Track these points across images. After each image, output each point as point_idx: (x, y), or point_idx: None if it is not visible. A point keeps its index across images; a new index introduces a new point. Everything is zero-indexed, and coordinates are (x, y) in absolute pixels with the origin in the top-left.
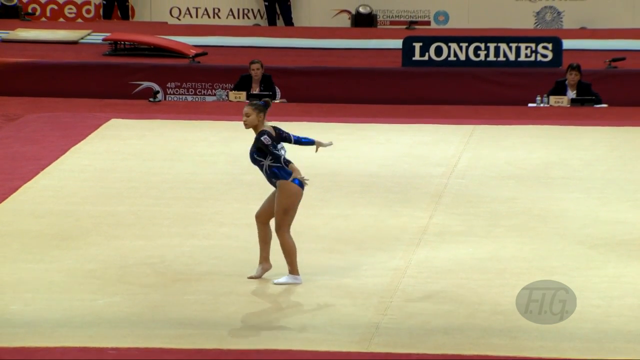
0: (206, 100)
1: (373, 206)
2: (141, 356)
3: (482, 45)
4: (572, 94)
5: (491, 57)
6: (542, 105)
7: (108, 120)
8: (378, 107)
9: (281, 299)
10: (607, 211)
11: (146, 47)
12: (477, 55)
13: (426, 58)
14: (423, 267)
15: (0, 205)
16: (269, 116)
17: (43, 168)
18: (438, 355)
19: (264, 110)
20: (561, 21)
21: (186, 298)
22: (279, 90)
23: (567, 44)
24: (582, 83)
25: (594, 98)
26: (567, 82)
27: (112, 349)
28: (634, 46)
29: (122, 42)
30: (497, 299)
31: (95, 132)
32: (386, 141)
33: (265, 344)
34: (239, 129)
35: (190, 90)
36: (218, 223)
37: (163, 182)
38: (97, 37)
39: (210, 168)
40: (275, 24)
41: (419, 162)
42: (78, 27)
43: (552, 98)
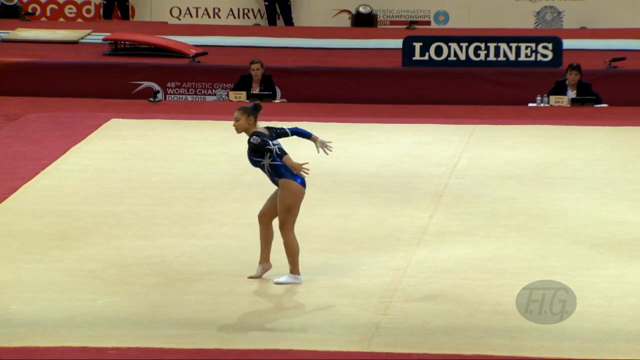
0: (206, 100)
1: (373, 206)
2: (141, 356)
3: (482, 45)
4: (572, 94)
5: (491, 57)
6: (542, 105)
7: (108, 120)
8: (378, 107)
9: (281, 299)
10: (607, 211)
11: (146, 47)
12: (477, 55)
13: (426, 58)
14: (423, 267)
15: (0, 205)
16: (270, 116)
17: (43, 168)
18: (438, 355)
19: (254, 113)
20: (561, 21)
21: (186, 298)
22: (279, 90)
23: (567, 44)
24: (582, 83)
25: (594, 98)
26: (567, 82)
27: (112, 349)
28: (634, 46)
29: (122, 42)
30: (497, 299)
31: (95, 132)
32: (386, 141)
33: (265, 344)
34: None
35: (190, 90)
36: (218, 223)
37: (163, 182)
38: (97, 37)
39: (210, 168)
40: (275, 24)
41: (419, 162)
42: (78, 27)
43: (552, 98)
